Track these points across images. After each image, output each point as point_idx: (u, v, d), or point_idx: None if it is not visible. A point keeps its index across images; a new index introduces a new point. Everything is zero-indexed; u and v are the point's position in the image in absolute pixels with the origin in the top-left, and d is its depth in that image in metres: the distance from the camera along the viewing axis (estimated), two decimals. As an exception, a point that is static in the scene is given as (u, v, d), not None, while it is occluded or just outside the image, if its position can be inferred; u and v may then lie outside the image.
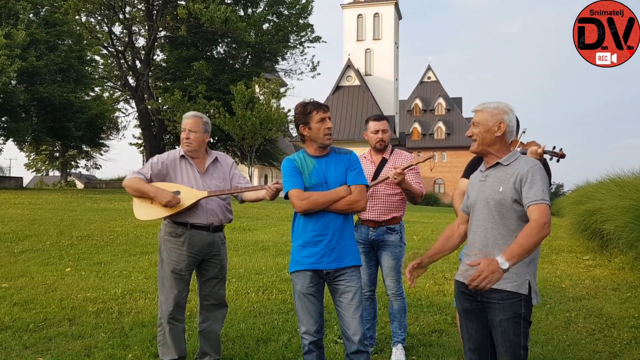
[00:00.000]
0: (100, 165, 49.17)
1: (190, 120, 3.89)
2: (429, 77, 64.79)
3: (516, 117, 3.86)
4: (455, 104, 62.81)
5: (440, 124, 60.13)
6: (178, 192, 3.76)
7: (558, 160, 3.65)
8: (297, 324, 5.11)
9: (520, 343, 2.56)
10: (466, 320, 2.79)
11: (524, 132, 3.73)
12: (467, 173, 3.77)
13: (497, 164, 2.73)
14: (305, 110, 3.34)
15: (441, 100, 61.93)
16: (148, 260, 8.42)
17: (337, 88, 49.13)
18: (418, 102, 62.51)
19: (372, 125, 4.39)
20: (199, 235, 3.84)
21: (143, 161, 44.43)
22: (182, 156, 3.94)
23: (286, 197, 3.34)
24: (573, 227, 11.16)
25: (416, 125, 60.67)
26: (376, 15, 51.57)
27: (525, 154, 3.41)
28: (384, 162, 4.38)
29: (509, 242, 2.56)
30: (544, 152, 3.57)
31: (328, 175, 3.30)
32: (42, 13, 25.19)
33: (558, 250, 10.59)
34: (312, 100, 3.42)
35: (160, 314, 3.95)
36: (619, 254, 8.81)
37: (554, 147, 3.61)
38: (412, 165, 4.14)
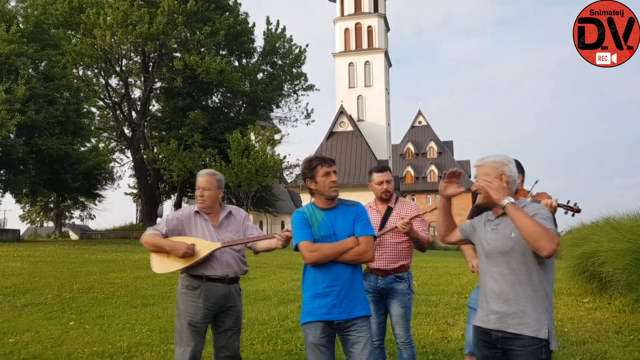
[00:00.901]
0: (95, 216, 49.23)
1: (204, 178, 4.03)
2: (419, 122, 65.77)
3: (522, 167, 4.02)
4: (446, 147, 63.59)
5: (433, 167, 60.71)
6: (193, 245, 3.87)
7: (573, 215, 3.75)
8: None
9: None
10: None
11: (536, 182, 3.86)
12: (472, 217, 3.91)
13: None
14: (311, 165, 3.50)
15: (433, 144, 62.73)
16: (150, 313, 8.42)
17: (331, 134, 49.69)
18: (410, 146, 63.25)
19: (376, 177, 4.53)
20: (214, 288, 3.93)
21: (136, 211, 44.42)
22: (197, 212, 4.06)
23: (296, 249, 3.45)
24: (571, 270, 11.23)
25: (409, 169, 61.22)
26: (367, 63, 52.63)
27: None
28: (389, 210, 4.50)
29: (528, 286, 2.67)
30: (558, 205, 3.68)
31: (336, 227, 3.42)
32: (41, 68, 25.68)
33: (557, 293, 10.64)
34: (317, 156, 3.59)
35: None
36: (618, 296, 8.87)
37: (568, 202, 3.71)
38: (419, 215, 4.27)
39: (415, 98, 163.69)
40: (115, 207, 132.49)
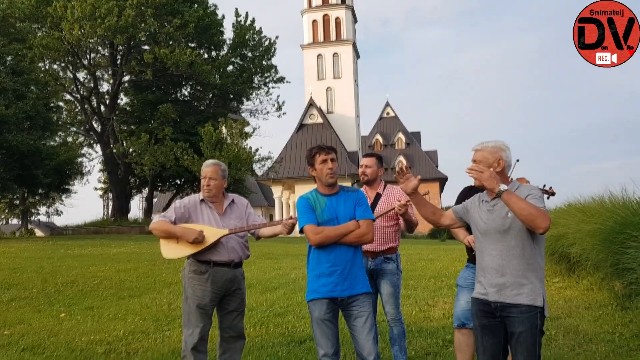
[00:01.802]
0: (62, 212, 48.51)
1: (210, 168, 4.26)
2: (387, 113, 66.32)
3: None
4: (414, 137, 64.35)
5: (401, 158, 61.36)
6: (202, 231, 4.09)
7: (548, 197, 4.08)
8: (310, 347, 5.47)
9: (537, 352, 2.95)
10: (482, 335, 3.15)
11: (517, 161, 4.17)
12: (460, 202, 4.22)
13: None
14: (311, 153, 3.78)
15: (401, 135, 63.35)
16: (139, 303, 8.58)
17: (301, 126, 49.92)
18: (379, 137, 63.77)
19: (361, 161, 4.87)
20: (221, 272, 4.17)
21: (104, 206, 43.84)
22: (202, 200, 4.29)
23: (301, 231, 3.71)
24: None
25: (378, 160, 61.84)
26: (335, 55, 52.89)
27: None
28: (378, 196, 4.80)
29: (524, 260, 2.98)
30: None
31: (338, 211, 3.70)
32: (8, 62, 25.19)
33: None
34: (318, 145, 3.86)
35: (184, 347, 4.22)
36: (586, 275, 9.36)
37: (544, 185, 4.05)
38: (409, 201, 4.55)
39: (383, 89, 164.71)
40: (82, 202, 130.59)
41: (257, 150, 32.89)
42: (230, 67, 36.90)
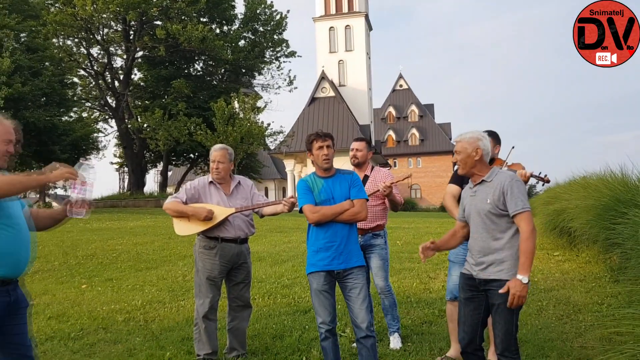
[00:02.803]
0: (79, 186, 49.21)
1: (219, 152, 4.62)
2: (400, 85, 66.12)
3: (499, 138, 4.61)
4: (427, 110, 64.19)
5: (414, 131, 61.42)
6: (212, 210, 4.48)
7: (543, 185, 4.39)
8: (314, 316, 5.87)
9: (513, 321, 3.30)
10: (465, 305, 3.51)
11: (512, 148, 4.47)
12: (455, 179, 4.57)
13: (482, 181, 3.46)
14: (309, 139, 4.14)
15: (414, 108, 63.26)
16: (155, 275, 9.06)
17: (313, 100, 50.03)
18: (391, 110, 63.77)
19: (352, 145, 5.21)
20: (228, 247, 4.57)
21: (119, 180, 44.48)
22: (211, 182, 4.66)
23: (300, 211, 4.08)
24: (543, 226, 12.05)
25: (390, 132, 61.89)
26: (347, 27, 52.65)
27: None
28: (365, 178, 5.14)
29: (500, 242, 3.32)
30: (531, 175, 4.31)
31: (335, 192, 4.05)
32: (23, 39, 25.60)
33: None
34: (316, 131, 4.21)
35: (196, 315, 4.65)
36: (585, 249, 9.68)
37: (540, 173, 4.35)
38: (395, 182, 4.87)
39: (396, 61, 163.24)
40: (97, 176, 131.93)
41: (269, 124, 33.25)
42: (242, 42, 37.06)
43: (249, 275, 4.82)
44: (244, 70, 38.07)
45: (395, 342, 5.05)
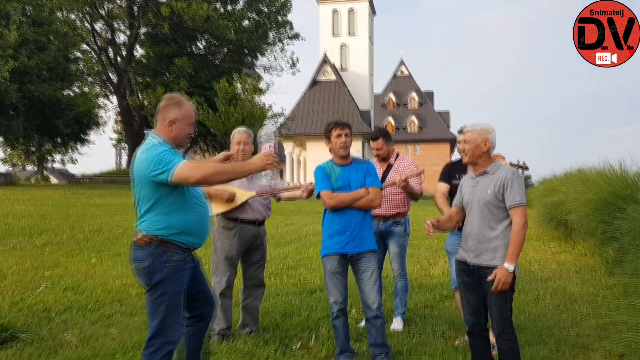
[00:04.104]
0: (76, 160, 49.30)
1: (243, 134, 4.80)
2: (401, 72, 65.97)
3: None
4: (427, 97, 64.18)
5: (413, 118, 61.39)
6: (234, 192, 4.68)
7: (523, 172, 4.60)
8: (320, 297, 6.12)
9: (507, 305, 3.53)
10: (465, 290, 3.74)
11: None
12: (443, 177, 4.79)
13: (485, 172, 3.68)
14: (328, 127, 4.33)
15: (414, 95, 63.18)
16: (162, 252, 9.25)
17: (314, 83, 50.03)
18: (392, 96, 63.69)
19: (372, 145, 5.36)
20: (247, 229, 4.77)
21: (116, 155, 44.51)
22: (231, 164, 4.84)
23: (318, 196, 4.28)
24: (541, 218, 12.30)
25: (390, 119, 61.87)
26: (351, 10, 52.49)
27: None
28: (389, 167, 5.33)
29: (494, 231, 3.54)
30: (511, 164, 4.52)
31: (351, 179, 4.25)
32: (29, 13, 25.53)
33: (527, 238, 11.70)
34: (335, 120, 4.40)
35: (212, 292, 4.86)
36: (581, 241, 9.93)
37: (518, 161, 4.57)
38: (410, 176, 5.04)
39: (398, 47, 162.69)
40: (94, 151, 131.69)
41: (270, 106, 33.32)
42: (246, 22, 36.99)
43: (264, 256, 5.04)
44: (246, 51, 38.05)
45: (397, 324, 5.29)
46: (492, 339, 3.98)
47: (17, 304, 5.72)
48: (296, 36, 39.05)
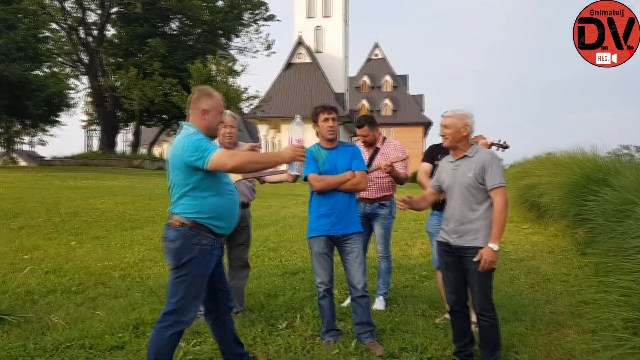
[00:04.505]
0: (46, 142, 48.18)
1: (229, 118, 4.83)
2: (376, 55, 65.95)
3: None
4: (401, 81, 64.41)
5: (387, 101, 61.58)
6: None
7: (503, 151, 4.74)
8: (303, 278, 6.22)
9: (488, 284, 3.68)
10: (447, 270, 3.89)
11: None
12: (427, 158, 4.93)
13: (465, 156, 3.80)
14: (315, 111, 4.42)
15: (388, 78, 63.30)
16: (141, 235, 9.27)
17: (289, 65, 49.80)
18: (366, 79, 63.73)
19: (358, 132, 5.44)
20: (233, 211, 4.81)
21: (87, 137, 43.65)
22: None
23: (305, 179, 4.36)
24: (513, 200, 12.57)
25: (364, 102, 61.96)
26: (326, -8, 52.15)
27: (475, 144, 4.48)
28: (376, 150, 5.42)
29: (476, 213, 3.67)
30: (492, 144, 4.66)
31: (337, 163, 4.34)
32: (-4, -10, 24.78)
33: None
34: (322, 104, 4.48)
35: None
36: (553, 223, 10.20)
37: (499, 140, 4.70)
38: (395, 161, 5.14)
39: (373, 30, 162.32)
40: (63, 133, 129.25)
41: (246, 89, 33.10)
42: (220, 3, 36.51)
43: (249, 238, 5.11)
44: (220, 32, 37.60)
45: (379, 303, 5.43)
46: (473, 317, 4.14)
47: (0, 287, 5.70)
48: (271, 17, 38.69)
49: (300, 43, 50.30)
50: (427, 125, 59.10)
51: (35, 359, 3.87)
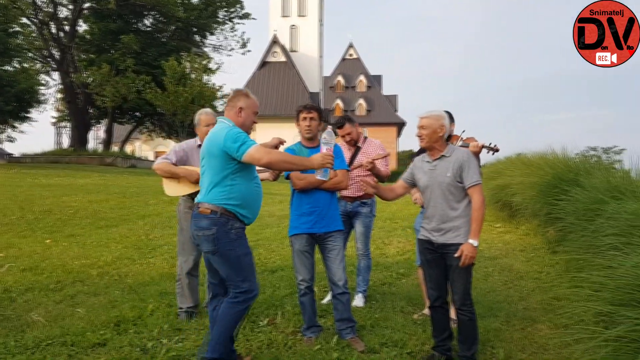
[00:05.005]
0: (15, 139, 47.21)
1: (211, 116, 4.87)
2: (350, 55, 66.10)
3: (453, 117, 5.04)
4: (375, 81, 64.73)
5: (362, 101, 61.81)
6: None
7: (493, 154, 4.85)
8: (283, 276, 6.27)
9: (469, 279, 3.81)
10: (428, 267, 3.99)
11: (463, 131, 4.94)
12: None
13: (442, 156, 3.90)
14: (297, 110, 4.48)
15: (362, 78, 63.49)
16: (117, 233, 9.20)
17: (264, 64, 49.66)
18: (340, 79, 63.83)
19: (339, 132, 5.50)
20: (213, 208, 4.85)
21: (57, 134, 42.94)
22: (199, 145, 4.90)
23: (287, 177, 4.42)
24: (486, 200, 12.76)
25: (338, 101, 62.09)
26: (301, -9, 52.14)
27: (467, 146, 4.61)
28: (358, 149, 5.50)
29: (456, 211, 3.78)
30: (482, 146, 4.77)
31: None
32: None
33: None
34: (305, 103, 4.55)
35: (179, 272, 4.94)
36: (525, 222, 10.40)
37: (490, 143, 4.81)
38: (376, 159, 5.22)
39: (348, 29, 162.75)
40: (32, 130, 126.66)
41: (220, 87, 32.92)
42: (195, 0, 36.20)
43: (229, 235, 5.14)
44: (195, 30, 37.33)
45: (358, 300, 5.50)
46: (452, 313, 4.25)
47: (-24, 285, 5.64)
48: (246, 15, 38.56)
49: (275, 42, 50.19)
50: (400, 125, 59.48)
51: (16, 356, 3.86)
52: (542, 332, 4.59)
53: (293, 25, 52.05)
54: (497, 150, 4.84)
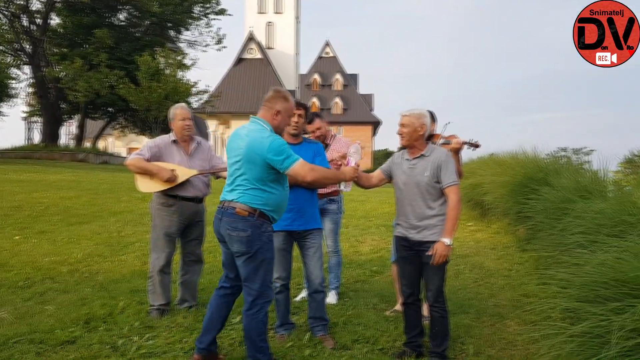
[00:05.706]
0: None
1: (187, 111, 4.87)
2: (327, 53, 66.20)
3: (435, 116, 5.08)
4: (352, 80, 64.93)
5: (338, 100, 61.99)
6: (174, 170, 4.72)
7: (474, 149, 4.89)
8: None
9: (443, 277, 3.88)
10: (404, 264, 4.04)
11: (447, 124, 4.97)
12: None
13: (422, 155, 3.95)
14: None
15: (339, 76, 63.66)
16: (88, 230, 9.08)
17: (239, 60, 49.45)
18: (316, 77, 63.91)
19: (309, 127, 5.52)
20: (187, 206, 4.84)
21: (27, 129, 42.16)
22: (174, 141, 4.88)
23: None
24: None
25: (315, 100, 62.19)
26: (278, -13, 52.06)
27: (449, 143, 4.65)
28: (326, 146, 5.52)
29: (433, 210, 3.83)
30: (464, 143, 4.82)
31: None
32: None
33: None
34: (294, 100, 4.55)
35: (151, 269, 4.90)
36: (496, 220, 10.57)
37: (471, 139, 4.86)
38: (349, 154, 5.26)
39: (325, 27, 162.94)
40: (4, 124, 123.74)
41: (195, 83, 32.66)
42: (170, -6, 35.81)
43: (202, 233, 5.13)
44: (170, 25, 36.93)
45: (331, 297, 5.54)
46: (425, 310, 4.30)
47: (-59, 282, 5.52)
48: (222, 11, 38.25)
49: (251, 38, 50.05)
50: (376, 124, 59.78)
51: (-17, 354, 3.80)
52: (511, 329, 4.68)
53: (269, 22, 51.97)
54: (478, 146, 4.88)
